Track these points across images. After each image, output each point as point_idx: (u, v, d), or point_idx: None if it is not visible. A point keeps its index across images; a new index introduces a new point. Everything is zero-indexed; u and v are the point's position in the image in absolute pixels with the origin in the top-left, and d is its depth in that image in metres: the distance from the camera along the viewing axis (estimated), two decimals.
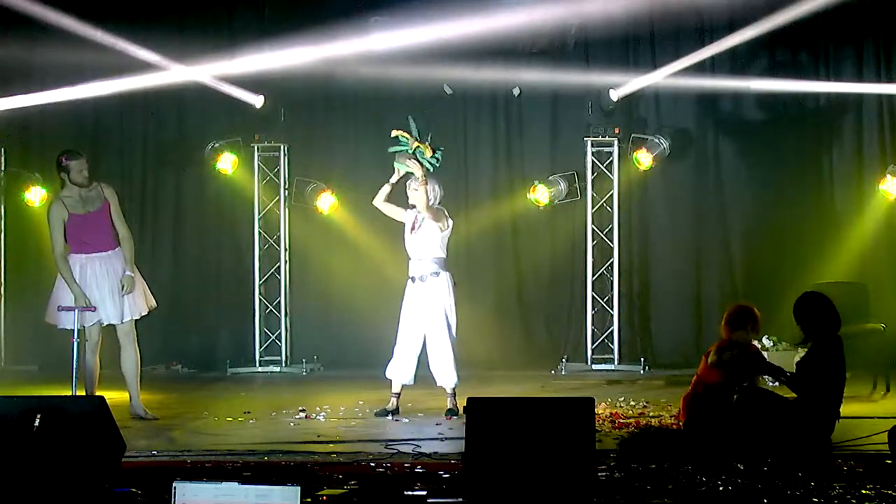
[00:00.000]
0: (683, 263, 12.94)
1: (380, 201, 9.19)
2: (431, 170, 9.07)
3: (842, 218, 12.71)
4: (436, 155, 9.07)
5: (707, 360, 7.66)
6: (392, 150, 9.13)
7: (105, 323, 8.78)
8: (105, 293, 8.70)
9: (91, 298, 8.61)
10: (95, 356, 8.74)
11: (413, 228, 9.07)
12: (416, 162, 8.95)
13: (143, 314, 8.98)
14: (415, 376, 9.08)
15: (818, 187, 12.80)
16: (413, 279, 9.05)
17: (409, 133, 9.05)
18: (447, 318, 8.94)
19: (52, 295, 8.80)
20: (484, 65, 12.64)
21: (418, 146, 9.01)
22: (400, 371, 9.04)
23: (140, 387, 9.04)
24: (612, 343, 12.60)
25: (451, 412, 8.90)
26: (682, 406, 7.70)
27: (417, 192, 8.94)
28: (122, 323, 8.81)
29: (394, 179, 9.15)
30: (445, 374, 8.96)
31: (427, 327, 8.95)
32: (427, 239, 9.01)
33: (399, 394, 9.10)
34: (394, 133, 9.10)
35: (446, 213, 9.12)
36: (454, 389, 9.01)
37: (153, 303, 9.10)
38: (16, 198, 12.85)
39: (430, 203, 8.97)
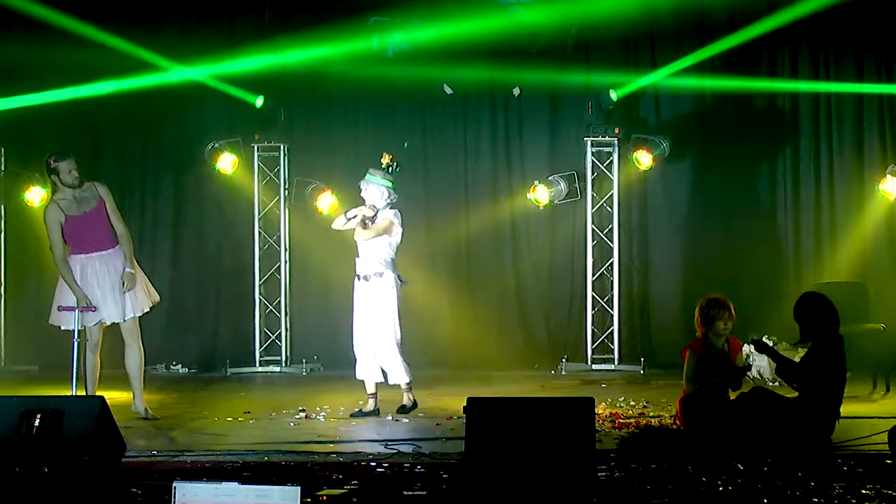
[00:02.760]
0: (683, 263, 12.95)
1: (338, 226, 9.19)
2: (387, 173, 9.13)
3: (842, 218, 12.71)
4: (392, 164, 9.13)
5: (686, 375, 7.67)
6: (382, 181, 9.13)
7: (107, 322, 8.76)
8: (106, 292, 8.68)
9: (92, 298, 8.59)
10: (96, 356, 8.73)
11: (364, 227, 9.07)
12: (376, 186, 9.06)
13: (145, 310, 8.96)
14: (384, 372, 9.08)
15: (818, 187, 12.80)
16: (359, 277, 9.08)
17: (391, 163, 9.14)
18: (390, 317, 8.94)
19: (55, 297, 8.79)
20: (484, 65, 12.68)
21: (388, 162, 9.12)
22: (365, 371, 9.06)
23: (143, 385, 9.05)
24: (612, 343, 12.60)
25: (405, 408, 8.97)
26: (679, 409, 7.70)
27: (366, 227, 9.02)
28: (125, 321, 8.81)
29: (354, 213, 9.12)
30: (395, 372, 9.00)
31: (374, 327, 8.99)
32: (374, 239, 9.02)
33: (375, 394, 9.09)
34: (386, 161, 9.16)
35: (396, 221, 9.06)
36: (409, 385, 9.02)
37: (156, 297, 9.08)
38: (16, 198, 12.84)
39: (381, 208, 9.09)
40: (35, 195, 12.66)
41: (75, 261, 8.68)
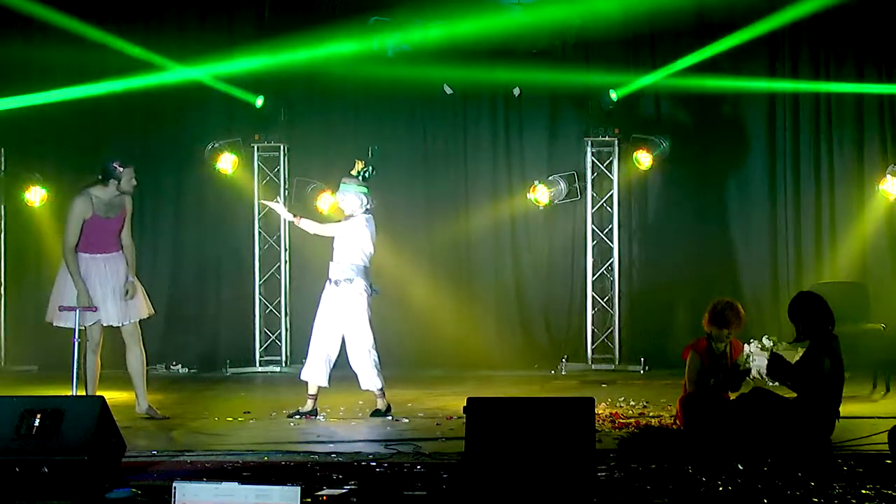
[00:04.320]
0: (683, 263, 12.94)
1: (312, 229, 9.28)
2: (360, 179, 9.16)
3: (842, 218, 12.71)
4: (367, 169, 9.12)
5: (687, 376, 7.67)
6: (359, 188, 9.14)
7: (105, 324, 8.77)
8: (108, 293, 8.70)
9: (94, 297, 8.61)
10: (96, 356, 8.73)
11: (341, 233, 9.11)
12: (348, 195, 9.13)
13: (142, 317, 8.98)
14: (329, 378, 9.06)
15: (818, 187, 12.81)
16: (330, 281, 9.12)
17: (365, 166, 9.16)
18: (361, 323, 8.94)
19: (53, 292, 8.80)
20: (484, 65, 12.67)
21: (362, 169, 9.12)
22: (314, 373, 9.05)
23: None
24: (612, 343, 12.60)
25: (378, 412, 8.96)
26: (679, 409, 7.70)
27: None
28: (123, 325, 8.81)
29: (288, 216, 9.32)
30: (367, 378, 8.99)
31: (345, 333, 9.00)
32: (347, 244, 9.06)
33: (315, 396, 9.09)
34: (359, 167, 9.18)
35: (367, 227, 9.07)
36: (381, 390, 9.02)
37: (152, 311, 9.12)
38: (16, 198, 12.85)
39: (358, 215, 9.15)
40: (35, 195, 12.67)
41: (80, 259, 8.68)
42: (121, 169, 8.88)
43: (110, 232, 8.82)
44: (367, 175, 9.17)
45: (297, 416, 8.93)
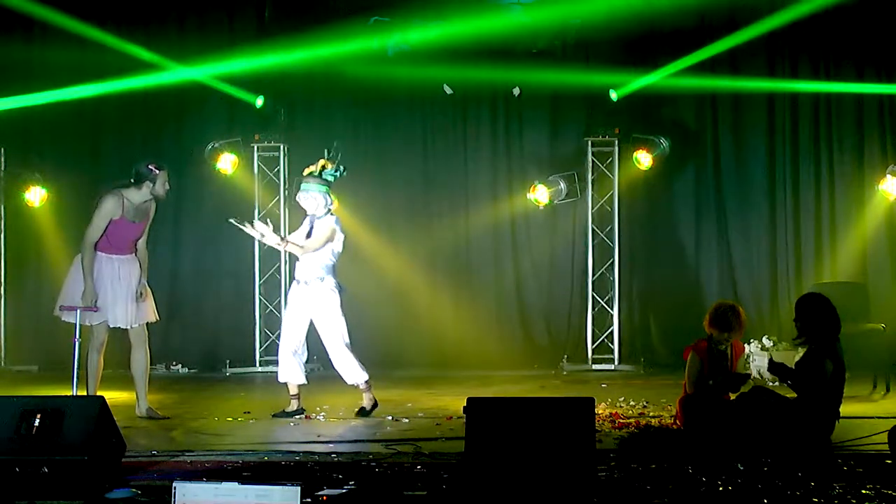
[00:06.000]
0: (683, 263, 12.96)
1: (300, 249, 9.00)
2: (332, 180, 9.08)
3: (842, 218, 12.72)
4: (338, 169, 9.06)
5: (687, 379, 7.67)
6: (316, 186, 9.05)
7: (112, 325, 8.74)
8: (118, 295, 8.67)
9: (103, 297, 8.57)
10: (100, 355, 8.69)
11: (308, 235, 9.04)
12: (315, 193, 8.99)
13: (149, 321, 8.96)
14: (306, 375, 9.05)
15: (818, 187, 12.81)
16: (298, 281, 9.03)
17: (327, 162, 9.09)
18: (335, 319, 8.88)
19: (65, 287, 8.73)
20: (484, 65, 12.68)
21: (324, 166, 9.04)
22: (289, 373, 9.04)
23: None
24: (612, 343, 12.60)
25: (364, 411, 8.91)
26: (679, 409, 7.70)
27: (313, 237, 8.96)
28: (131, 328, 8.80)
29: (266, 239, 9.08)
30: (350, 374, 8.95)
31: (320, 331, 8.96)
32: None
33: (298, 395, 9.07)
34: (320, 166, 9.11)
35: (337, 228, 8.98)
36: (367, 384, 8.99)
37: (157, 316, 9.10)
38: (16, 198, 12.85)
39: (321, 216, 9.02)
40: (35, 195, 12.68)
41: (96, 258, 8.65)
42: (156, 171, 8.77)
43: (131, 236, 8.78)
44: (336, 175, 9.11)
45: (284, 416, 8.91)
